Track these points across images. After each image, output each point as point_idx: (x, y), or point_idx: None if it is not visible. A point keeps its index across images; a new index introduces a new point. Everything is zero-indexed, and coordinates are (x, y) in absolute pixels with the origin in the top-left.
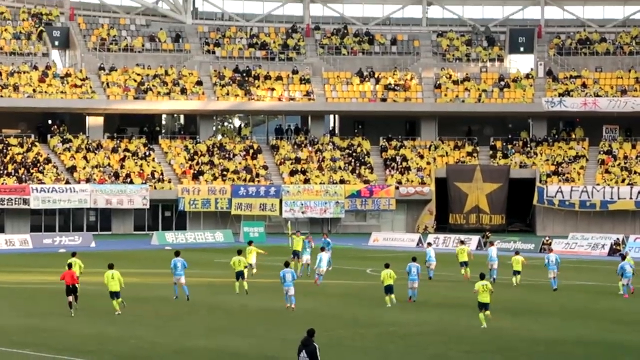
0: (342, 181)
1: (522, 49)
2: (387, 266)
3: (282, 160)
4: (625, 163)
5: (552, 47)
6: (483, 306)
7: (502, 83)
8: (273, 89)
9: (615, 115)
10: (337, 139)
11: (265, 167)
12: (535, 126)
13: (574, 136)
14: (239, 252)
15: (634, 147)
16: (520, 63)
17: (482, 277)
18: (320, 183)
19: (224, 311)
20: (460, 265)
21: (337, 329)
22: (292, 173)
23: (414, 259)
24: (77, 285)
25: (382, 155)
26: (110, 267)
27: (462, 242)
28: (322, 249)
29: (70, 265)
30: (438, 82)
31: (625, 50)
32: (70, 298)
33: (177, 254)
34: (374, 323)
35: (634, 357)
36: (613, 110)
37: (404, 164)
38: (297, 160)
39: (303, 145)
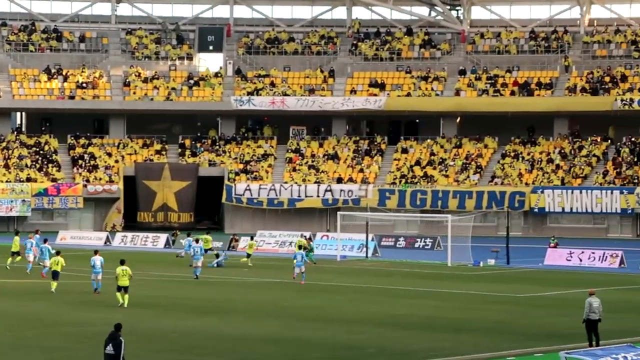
0: (29, 179)
1: (211, 47)
2: (122, 262)
3: None
4: (312, 162)
5: (241, 46)
6: (123, 288)
7: (192, 81)
8: None
9: (303, 114)
10: (24, 137)
11: None
12: (224, 125)
13: (262, 135)
14: (122, 262)
15: (321, 145)
16: (209, 62)
17: (122, 262)
18: (7, 181)
19: None
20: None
21: (23, 329)
22: None
23: (95, 252)
24: None
25: (70, 153)
26: None
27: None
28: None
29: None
30: (127, 80)
31: (313, 50)
32: None
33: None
34: (59, 322)
35: (321, 353)
36: (301, 109)
37: (92, 162)
38: None
39: None
